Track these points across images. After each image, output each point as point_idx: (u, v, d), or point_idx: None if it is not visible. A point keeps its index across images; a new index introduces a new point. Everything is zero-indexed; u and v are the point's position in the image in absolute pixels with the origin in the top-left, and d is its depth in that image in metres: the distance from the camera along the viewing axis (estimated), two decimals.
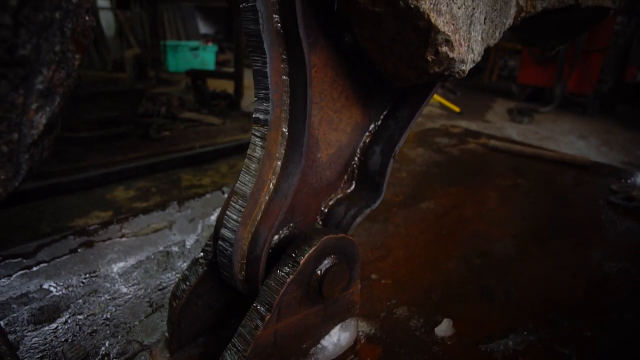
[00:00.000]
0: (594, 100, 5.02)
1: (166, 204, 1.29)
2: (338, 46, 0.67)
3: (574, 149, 3.40)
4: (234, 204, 0.62)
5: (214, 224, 1.19)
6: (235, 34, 4.20)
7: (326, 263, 0.61)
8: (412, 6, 0.52)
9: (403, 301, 0.90)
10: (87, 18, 0.41)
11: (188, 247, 1.06)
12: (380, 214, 1.28)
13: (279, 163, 0.62)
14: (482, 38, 0.66)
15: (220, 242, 0.63)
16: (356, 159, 0.77)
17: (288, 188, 0.61)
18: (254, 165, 0.62)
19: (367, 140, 0.78)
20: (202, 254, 0.73)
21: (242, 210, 0.61)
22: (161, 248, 1.05)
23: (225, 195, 1.38)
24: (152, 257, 1.01)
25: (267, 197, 0.62)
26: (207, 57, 6.76)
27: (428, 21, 0.53)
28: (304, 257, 0.58)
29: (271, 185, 0.62)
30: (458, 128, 2.42)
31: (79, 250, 1.03)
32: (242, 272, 0.63)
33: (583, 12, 0.97)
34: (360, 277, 0.72)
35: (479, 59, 0.67)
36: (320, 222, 0.74)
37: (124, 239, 1.09)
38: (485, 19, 0.65)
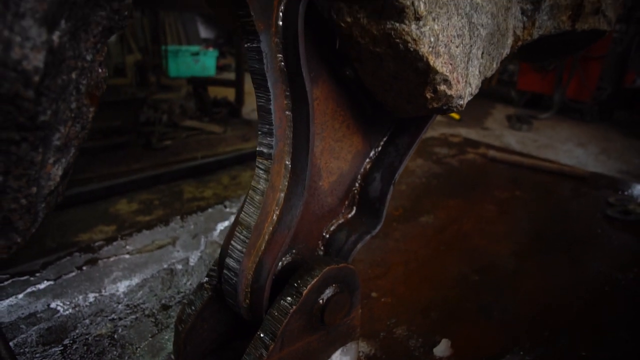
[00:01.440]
0: (593, 107, 5.06)
1: (169, 219, 1.31)
2: (339, 79, 0.69)
3: (572, 157, 3.42)
4: (238, 234, 0.64)
5: (217, 239, 1.21)
6: (236, 39, 4.22)
7: (328, 292, 0.63)
8: (412, 49, 0.54)
9: (402, 320, 0.92)
10: (100, 71, 0.43)
11: (192, 264, 1.08)
12: (380, 229, 1.30)
13: (282, 195, 0.64)
14: (479, 72, 0.68)
15: (225, 271, 0.65)
16: (357, 184, 0.79)
17: (291, 220, 0.63)
18: (257, 197, 0.64)
19: (368, 167, 0.80)
20: (206, 278, 0.75)
21: (247, 241, 0.63)
22: (165, 265, 1.07)
23: (227, 210, 1.40)
24: (157, 274, 1.03)
25: (271, 228, 0.64)
26: (207, 62, 6.79)
27: (427, 63, 0.55)
28: (306, 287, 0.60)
29: (274, 217, 0.64)
30: (457, 137, 2.44)
31: (85, 268, 1.05)
32: (247, 300, 0.65)
33: (579, 34, 0.99)
34: (360, 301, 0.74)
35: (477, 91, 0.69)
36: (322, 248, 0.76)
37: (128, 255, 1.11)
38: (482, 53, 0.67)
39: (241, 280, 0.63)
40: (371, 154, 0.80)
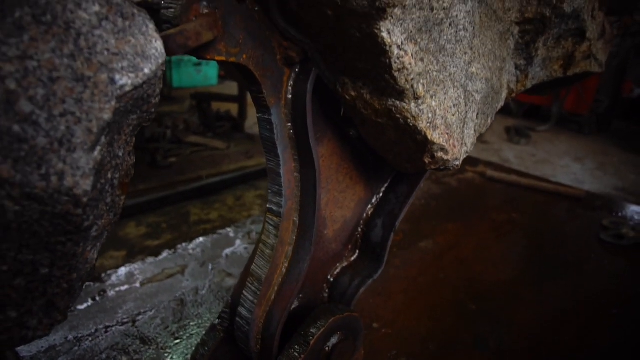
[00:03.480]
0: (591, 119, 5.11)
1: (177, 244, 1.36)
2: (343, 137, 0.74)
3: (569, 173, 3.47)
4: (250, 285, 0.69)
5: (224, 267, 1.26)
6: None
7: (333, 340, 0.68)
8: (411, 124, 0.59)
9: (403, 352, 0.97)
10: (129, 159, 0.48)
11: (201, 294, 1.13)
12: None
13: (291, 248, 0.69)
14: (475, 131, 0.73)
15: (238, 318, 0.70)
16: (360, 229, 0.84)
17: (299, 273, 0.68)
18: (268, 251, 0.68)
19: (370, 212, 0.84)
20: (219, 320, 0.79)
21: (258, 293, 0.67)
22: (176, 295, 1.12)
23: (232, 235, 1.45)
24: (168, 305, 1.08)
25: (280, 280, 0.69)
26: (210, 72, 6.87)
27: (425, 136, 0.60)
28: (313, 337, 0.65)
29: (284, 269, 0.69)
30: None
31: (98, 298, 1.10)
32: (258, 346, 0.70)
33: (571, 76, 1.03)
34: (363, 342, 0.78)
35: (472, 148, 0.74)
36: (327, 291, 0.81)
37: (139, 285, 1.16)
38: (477, 114, 0.72)
39: (253, 329, 0.68)
40: (373, 200, 0.84)
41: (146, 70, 0.39)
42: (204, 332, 0.88)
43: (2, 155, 0.32)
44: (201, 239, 1.40)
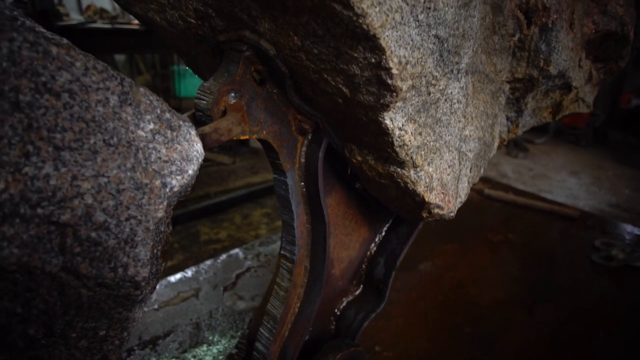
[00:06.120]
0: (587, 132, 5.20)
1: (189, 265, 1.44)
2: (350, 188, 0.81)
3: (565, 188, 3.55)
4: (266, 323, 0.77)
5: (236, 291, 1.34)
6: None
7: None
8: (411, 188, 0.67)
9: None
10: (167, 229, 0.56)
11: (215, 318, 1.21)
12: None
13: (302, 290, 0.77)
14: (468, 182, 0.80)
15: (255, 352, 0.78)
16: (364, 266, 0.92)
17: (310, 313, 0.76)
18: (282, 293, 0.76)
19: (373, 250, 0.92)
20: (235, 350, 0.87)
21: (273, 330, 0.75)
22: (191, 319, 1.20)
23: (242, 256, 1.53)
24: (185, 328, 1.16)
25: (293, 318, 0.77)
26: None
27: (422, 198, 0.68)
28: None
29: (296, 309, 0.77)
30: None
31: None
32: None
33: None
34: None
35: (466, 198, 0.81)
36: (334, 324, 0.89)
37: (156, 306, 1.24)
38: (471, 169, 0.80)
39: None
40: (376, 239, 0.92)
41: (190, 172, 0.47)
42: (221, 358, 0.96)
43: (82, 256, 0.40)
44: (212, 260, 1.48)
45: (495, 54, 0.81)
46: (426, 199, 0.67)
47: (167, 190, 0.45)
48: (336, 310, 0.89)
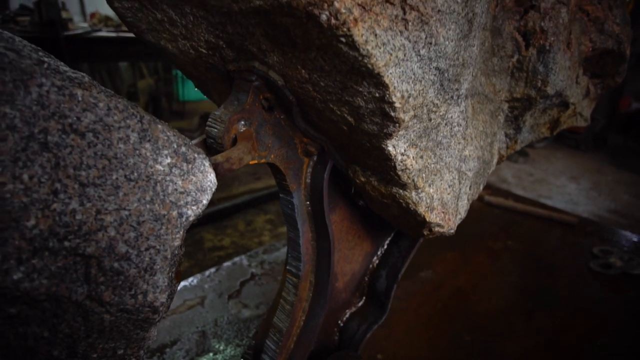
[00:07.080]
0: (587, 137, 5.23)
1: (194, 272, 1.46)
2: (353, 204, 0.84)
3: (564, 194, 3.57)
4: (272, 335, 0.80)
5: (241, 299, 1.36)
6: None
7: None
8: (412, 209, 0.69)
9: None
10: (181, 252, 0.59)
11: (220, 326, 1.23)
12: None
13: (307, 304, 0.80)
14: (468, 199, 0.83)
15: None
16: (366, 279, 0.95)
17: (315, 326, 0.79)
18: (287, 307, 0.79)
19: (376, 263, 0.95)
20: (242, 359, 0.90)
21: (279, 343, 0.78)
22: (197, 327, 1.23)
23: (246, 263, 1.56)
24: (191, 337, 1.19)
25: (299, 331, 0.79)
26: None
27: (423, 218, 0.70)
28: None
29: (301, 322, 0.79)
30: None
31: None
32: None
33: None
34: None
35: (466, 214, 0.84)
36: (337, 335, 0.92)
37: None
38: (470, 187, 0.82)
39: None
40: (378, 253, 0.95)
41: (204, 201, 0.49)
42: None
43: (105, 285, 0.42)
44: (217, 268, 1.50)
45: (495, 74, 0.83)
46: (427, 219, 0.70)
47: (184, 219, 0.47)
48: (340, 322, 0.92)
